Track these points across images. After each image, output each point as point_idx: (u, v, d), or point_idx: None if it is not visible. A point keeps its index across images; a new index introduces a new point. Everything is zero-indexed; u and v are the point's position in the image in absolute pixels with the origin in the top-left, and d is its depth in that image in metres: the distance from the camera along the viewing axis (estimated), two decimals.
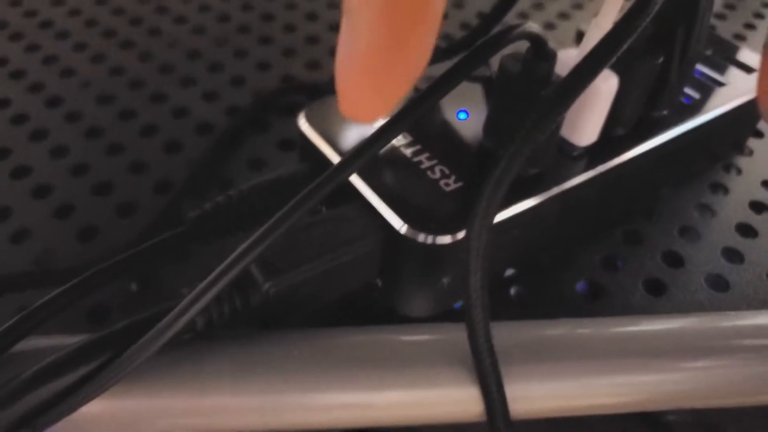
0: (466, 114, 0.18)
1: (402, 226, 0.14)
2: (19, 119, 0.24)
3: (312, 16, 0.30)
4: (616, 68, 0.16)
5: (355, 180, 0.15)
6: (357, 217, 0.15)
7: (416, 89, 0.15)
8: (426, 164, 0.16)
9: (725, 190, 0.22)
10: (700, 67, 0.21)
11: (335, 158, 0.16)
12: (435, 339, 0.14)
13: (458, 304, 0.17)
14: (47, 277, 0.18)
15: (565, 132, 0.17)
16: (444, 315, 0.16)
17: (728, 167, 0.23)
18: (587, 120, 0.16)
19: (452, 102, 0.18)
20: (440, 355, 0.14)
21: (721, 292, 0.19)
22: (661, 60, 0.17)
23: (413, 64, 0.11)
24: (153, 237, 0.16)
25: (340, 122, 0.17)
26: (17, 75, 0.26)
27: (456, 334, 0.14)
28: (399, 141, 0.17)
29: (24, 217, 0.21)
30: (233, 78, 0.26)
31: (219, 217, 0.16)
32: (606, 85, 0.16)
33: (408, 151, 0.17)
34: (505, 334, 0.14)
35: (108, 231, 0.20)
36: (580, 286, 0.19)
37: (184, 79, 0.26)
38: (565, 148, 0.17)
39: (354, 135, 0.17)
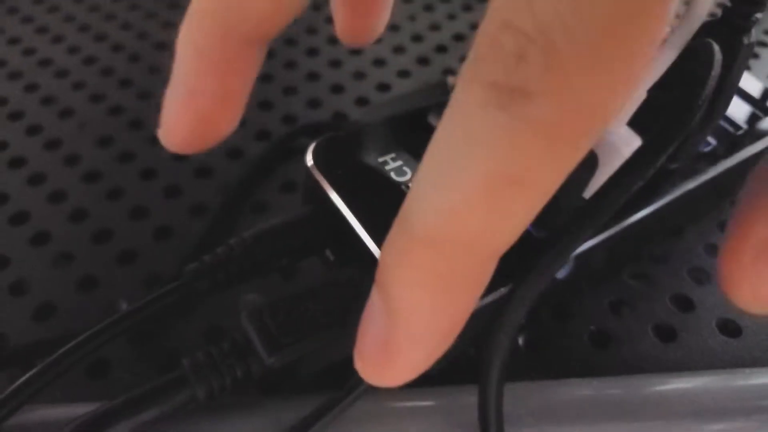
0: None
1: None
2: (18, 162, 0.24)
3: (312, 52, 0.30)
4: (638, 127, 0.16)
5: (366, 240, 0.15)
6: (361, 282, 0.15)
7: None
8: None
9: None
10: None
11: (340, 202, 0.16)
12: (434, 405, 0.14)
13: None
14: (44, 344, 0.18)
15: None
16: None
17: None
18: (600, 179, 0.16)
19: None
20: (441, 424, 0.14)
21: (733, 338, 0.18)
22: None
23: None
24: (152, 293, 0.16)
25: (347, 162, 0.17)
26: (16, 116, 0.26)
27: (452, 399, 0.14)
28: (394, 174, 0.16)
29: (22, 268, 0.20)
30: None
31: (219, 269, 0.16)
32: (628, 148, 0.15)
33: (397, 179, 0.16)
34: (513, 396, 0.14)
35: (108, 281, 0.20)
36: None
37: None
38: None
39: (363, 177, 0.16)
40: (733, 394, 0.14)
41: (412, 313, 0.10)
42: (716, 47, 0.13)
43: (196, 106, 0.14)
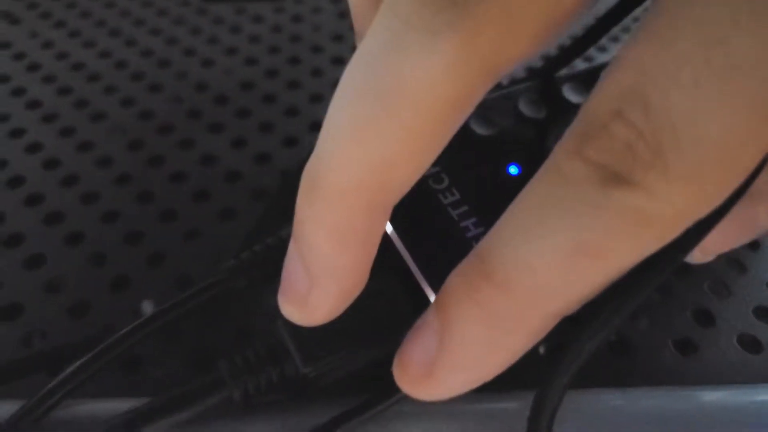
0: (518, 169, 0.17)
1: None
2: (52, 164, 0.25)
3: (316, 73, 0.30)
4: None
5: (398, 243, 0.15)
6: (398, 294, 0.15)
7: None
8: (473, 232, 0.16)
9: (756, 245, 0.22)
10: None
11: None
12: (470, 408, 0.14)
13: None
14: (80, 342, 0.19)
15: None
16: None
17: None
18: None
19: (501, 151, 0.18)
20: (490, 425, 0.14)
21: (754, 354, 0.19)
22: None
23: None
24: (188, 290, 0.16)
25: None
26: (50, 118, 0.27)
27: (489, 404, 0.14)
28: (447, 198, 0.16)
29: (57, 266, 0.21)
30: (261, 124, 0.27)
31: (255, 267, 0.16)
32: None
33: (454, 213, 0.16)
34: None
35: (139, 281, 0.20)
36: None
37: (212, 125, 0.27)
38: None
39: (412, 193, 0.17)
40: (754, 409, 0.15)
41: (467, 346, 0.11)
42: None
43: (341, 285, 0.12)
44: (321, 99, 0.28)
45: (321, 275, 0.12)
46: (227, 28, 0.32)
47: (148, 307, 0.20)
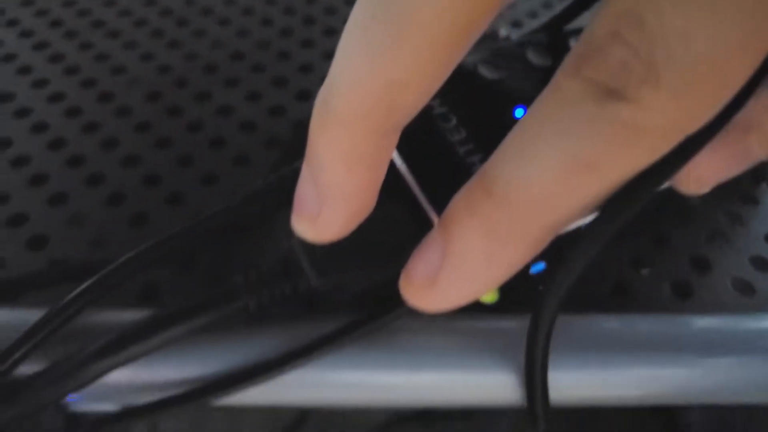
0: (524, 111, 0.18)
1: None
2: (73, 112, 0.26)
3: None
4: None
5: (407, 176, 0.16)
6: (406, 222, 0.16)
7: None
8: (477, 167, 0.16)
9: (755, 201, 0.23)
10: None
11: (395, 154, 0.17)
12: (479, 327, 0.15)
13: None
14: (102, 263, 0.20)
15: None
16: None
17: (760, 180, 0.24)
18: None
19: (508, 95, 0.18)
20: (486, 342, 0.15)
21: (747, 297, 0.19)
22: None
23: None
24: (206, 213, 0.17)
25: None
26: (72, 71, 0.28)
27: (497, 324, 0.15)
28: (454, 136, 0.17)
29: (79, 203, 0.22)
30: (274, 78, 0.27)
31: (270, 195, 0.17)
32: None
33: (461, 150, 0.17)
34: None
35: (157, 220, 0.21)
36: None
37: (228, 80, 0.27)
38: None
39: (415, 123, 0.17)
40: (743, 334, 0.15)
41: (467, 258, 0.12)
42: None
43: (352, 206, 0.13)
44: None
45: (331, 196, 0.13)
46: None
47: None
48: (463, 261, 0.12)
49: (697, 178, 0.13)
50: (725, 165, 0.15)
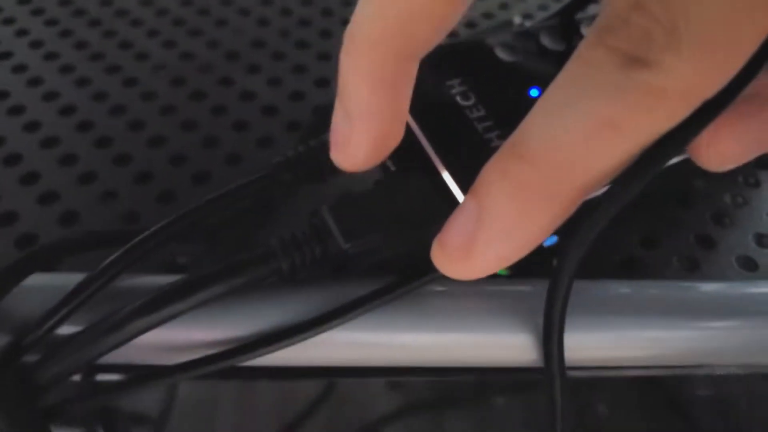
0: (539, 92, 0.19)
1: None
2: (100, 96, 0.26)
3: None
4: None
5: (431, 154, 0.17)
6: (432, 196, 0.17)
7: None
8: (495, 143, 0.17)
9: (757, 183, 0.24)
10: None
11: (409, 119, 0.17)
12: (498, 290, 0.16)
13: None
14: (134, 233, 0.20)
15: None
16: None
17: (764, 164, 0.24)
18: None
19: (524, 76, 0.19)
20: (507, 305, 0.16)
21: (750, 272, 0.20)
22: None
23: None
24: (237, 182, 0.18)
25: (417, 81, 0.19)
26: (96, 57, 0.29)
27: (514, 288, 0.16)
28: (473, 113, 0.18)
29: (108, 182, 0.23)
30: (295, 66, 0.28)
31: (299, 165, 0.18)
32: None
33: (480, 126, 0.18)
34: None
35: (183, 198, 0.22)
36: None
37: (250, 66, 0.28)
38: None
39: (431, 97, 0.18)
40: (745, 298, 0.16)
41: (501, 221, 0.12)
42: None
43: (377, 128, 0.14)
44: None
45: (358, 118, 0.14)
46: None
47: None
48: (498, 223, 0.12)
49: (719, 153, 0.14)
50: (749, 145, 0.15)
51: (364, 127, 0.14)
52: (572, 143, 0.12)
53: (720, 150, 0.13)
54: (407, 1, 0.13)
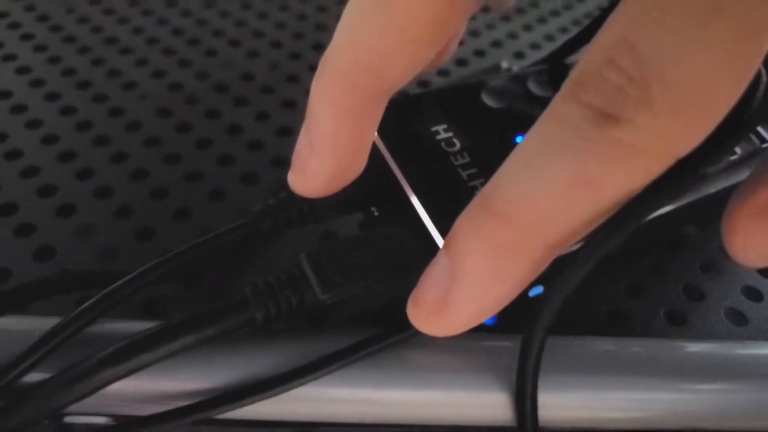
0: None
1: None
2: (84, 125, 0.26)
3: None
4: None
5: (415, 202, 0.17)
6: (412, 245, 0.16)
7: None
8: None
9: None
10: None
11: (394, 166, 0.17)
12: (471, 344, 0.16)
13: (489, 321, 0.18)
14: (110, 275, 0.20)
15: None
16: None
17: None
18: None
19: (510, 123, 0.19)
20: (481, 361, 0.15)
21: (738, 326, 0.20)
22: None
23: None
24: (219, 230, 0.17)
25: (401, 126, 0.18)
26: (83, 85, 0.28)
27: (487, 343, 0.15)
28: (458, 160, 0.18)
29: (87, 215, 0.22)
30: (284, 101, 0.28)
31: (281, 212, 0.17)
32: None
33: (464, 174, 0.17)
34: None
35: (164, 233, 0.22)
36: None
37: (238, 99, 0.28)
38: None
39: (415, 142, 0.18)
40: (733, 359, 0.16)
41: (476, 279, 0.12)
42: (763, 71, 0.15)
43: (336, 157, 0.15)
44: None
45: (319, 144, 0.14)
46: (255, 13, 0.34)
47: None
48: (472, 281, 0.12)
49: (756, 250, 0.13)
50: None
51: (323, 155, 0.15)
52: (546, 200, 0.11)
53: (757, 247, 0.13)
54: (380, 39, 0.13)
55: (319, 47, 0.32)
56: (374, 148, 0.17)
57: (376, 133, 0.18)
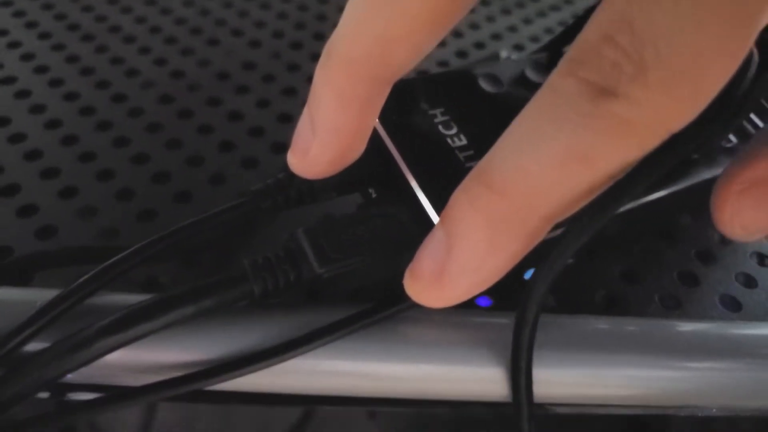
0: None
1: None
2: (87, 111, 0.26)
3: None
4: None
5: (412, 182, 0.17)
6: (409, 223, 0.16)
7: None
8: None
9: None
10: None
11: (393, 148, 0.17)
12: (467, 322, 0.16)
13: (481, 300, 0.18)
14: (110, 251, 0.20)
15: None
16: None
17: None
18: None
19: (506, 107, 0.19)
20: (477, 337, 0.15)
21: (733, 312, 0.20)
22: None
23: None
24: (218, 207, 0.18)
25: (401, 110, 0.18)
26: (86, 71, 0.29)
27: (486, 319, 0.16)
28: (455, 142, 0.18)
29: (89, 197, 0.22)
30: (285, 89, 0.28)
31: (280, 191, 0.18)
32: None
33: (461, 155, 0.18)
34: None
35: (165, 216, 0.22)
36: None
37: (239, 87, 0.28)
38: None
39: (414, 126, 0.18)
40: (726, 338, 0.16)
41: (471, 251, 0.12)
42: (755, 50, 0.15)
43: (338, 142, 0.15)
44: None
45: (323, 129, 0.14)
46: (257, 4, 0.34)
47: None
48: (468, 253, 0.12)
49: (743, 225, 0.13)
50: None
51: (326, 141, 0.15)
52: (541, 173, 0.11)
53: (744, 222, 0.13)
54: (387, 25, 0.13)
55: (320, 37, 0.32)
56: (373, 131, 0.18)
57: None
